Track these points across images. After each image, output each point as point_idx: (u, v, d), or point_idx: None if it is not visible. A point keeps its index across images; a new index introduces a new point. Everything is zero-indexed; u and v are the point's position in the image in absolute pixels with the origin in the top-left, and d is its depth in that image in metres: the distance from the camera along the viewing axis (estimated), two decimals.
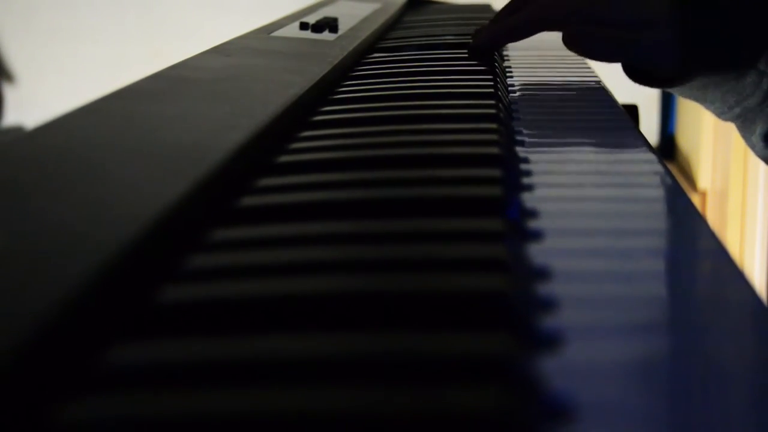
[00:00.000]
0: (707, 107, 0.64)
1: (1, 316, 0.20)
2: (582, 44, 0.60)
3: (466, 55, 0.64)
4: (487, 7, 1.05)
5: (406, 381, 0.21)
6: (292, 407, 0.19)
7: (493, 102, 0.48)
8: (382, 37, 0.78)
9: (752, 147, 0.64)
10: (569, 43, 0.60)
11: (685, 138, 2.33)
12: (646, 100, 2.30)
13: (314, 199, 0.33)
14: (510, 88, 0.58)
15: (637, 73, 0.64)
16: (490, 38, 0.65)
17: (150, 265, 0.26)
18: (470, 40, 0.66)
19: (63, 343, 0.21)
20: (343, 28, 0.73)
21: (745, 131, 0.64)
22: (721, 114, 0.63)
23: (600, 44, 0.60)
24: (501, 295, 0.24)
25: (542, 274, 0.28)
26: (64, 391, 0.20)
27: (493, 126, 0.43)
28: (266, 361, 0.21)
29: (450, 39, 0.72)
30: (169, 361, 0.21)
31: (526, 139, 0.44)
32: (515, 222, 0.32)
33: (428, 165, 0.37)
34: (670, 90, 0.65)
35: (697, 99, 0.64)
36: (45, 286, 0.22)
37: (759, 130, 0.61)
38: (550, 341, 0.23)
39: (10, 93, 2.33)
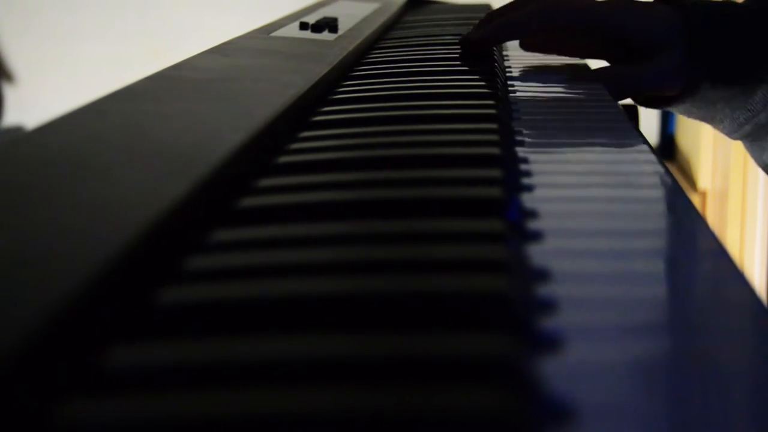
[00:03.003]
0: (716, 126, 0.63)
1: (1, 315, 0.20)
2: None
3: (466, 55, 0.64)
4: (486, 7, 1.05)
5: (407, 382, 0.21)
6: (292, 409, 0.19)
7: (493, 102, 0.48)
8: (382, 37, 0.78)
9: (764, 166, 0.63)
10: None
11: (685, 138, 2.33)
12: None
13: (314, 199, 0.33)
14: (510, 88, 0.58)
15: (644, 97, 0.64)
16: (492, 31, 0.64)
17: (150, 266, 0.26)
18: (468, 39, 0.66)
19: (62, 344, 0.21)
20: (343, 28, 0.73)
21: (756, 150, 0.63)
22: (732, 133, 0.62)
23: (614, 86, 0.60)
24: (501, 297, 0.24)
25: (542, 275, 0.28)
26: (63, 392, 0.20)
27: (493, 126, 0.43)
28: (267, 362, 0.21)
29: (450, 39, 0.71)
30: (169, 363, 0.21)
31: (526, 139, 0.44)
32: (515, 223, 0.32)
33: (428, 165, 0.37)
34: (676, 110, 0.64)
35: (705, 119, 0.63)
36: (44, 286, 0.22)
37: None
38: (551, 342, 0.23)
39: (10, 93, 2.33)
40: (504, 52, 0.73)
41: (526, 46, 0.70)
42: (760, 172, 1.81)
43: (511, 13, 0.64)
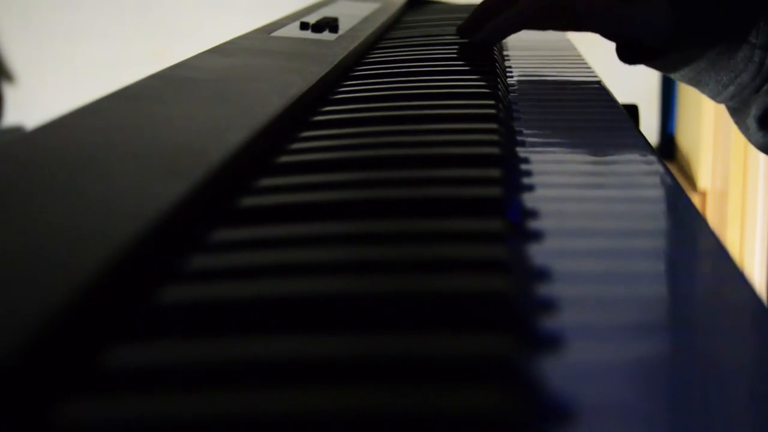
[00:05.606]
0: (702, 90, 0.64)
1: (1, 316, 0.20)
2: (580, 15, 0.62)
3: (466, 54, 0.64)
4: None
5: (407, 382, 0.21)
6: (293, 408, 0.19)
7: (493, 102, 0.48)
8: (382, 37, 0.78)
9: (746, 132, 0.64)
10: (567, 15, 0.62)
11: (685, 138, 2.33)
12: (646, 100, 2.30)
13: (314, 199, 0.33)
14: (510, 88, 0.58)
15: (630, 53, 0.65)
16: (496, 28, 0.66)
17: (150, 265, 0.26)
18: (464, 36, 0.67)
19: (63, 344, 0.21)
20: (343, 28, 0.73)
21: (739, 115, 0.64)
22: (716, 95, 0.64)
23: (598, 15, 0.61)
24: (501, 296, 0.24)
25: (542, 274, 0.28)
26: (64, 391, 0.20)
27: (493, 126, 0.43)
28: (266, 362, 0.21)
29: (450, 39, 0.72)
30: (169, 362, 0.21)
31: (526, 139, 0.44)
32: (515, 222, 0.32)
33: (428, 165, 0.37)
34: (662, 67, 0.65)
35: (691, 81, 0.64)
36: (45, 286, 0.22)
37: (753, 112, 0.62)
38: (551, 342, 0.23)
39: (10, 93, 2.33)
40: (504, 52, 0.73)
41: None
42: (760, 172, 1.81)
43: (501, 14, 0.65)
